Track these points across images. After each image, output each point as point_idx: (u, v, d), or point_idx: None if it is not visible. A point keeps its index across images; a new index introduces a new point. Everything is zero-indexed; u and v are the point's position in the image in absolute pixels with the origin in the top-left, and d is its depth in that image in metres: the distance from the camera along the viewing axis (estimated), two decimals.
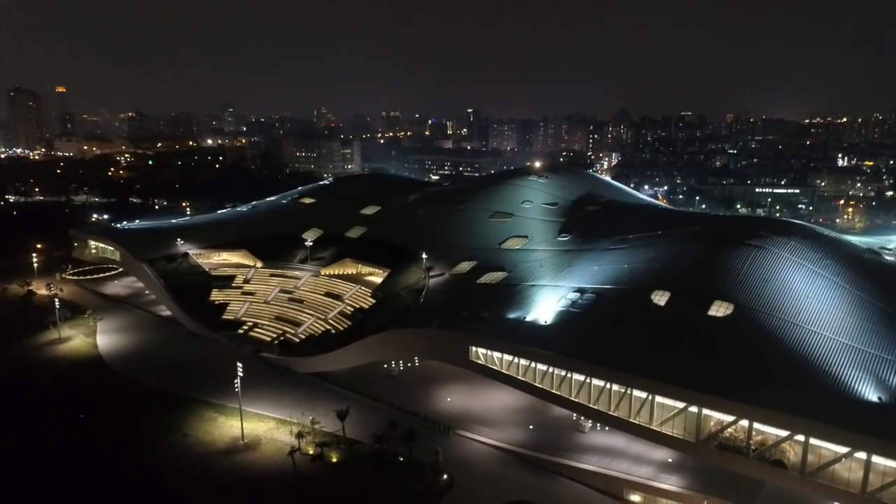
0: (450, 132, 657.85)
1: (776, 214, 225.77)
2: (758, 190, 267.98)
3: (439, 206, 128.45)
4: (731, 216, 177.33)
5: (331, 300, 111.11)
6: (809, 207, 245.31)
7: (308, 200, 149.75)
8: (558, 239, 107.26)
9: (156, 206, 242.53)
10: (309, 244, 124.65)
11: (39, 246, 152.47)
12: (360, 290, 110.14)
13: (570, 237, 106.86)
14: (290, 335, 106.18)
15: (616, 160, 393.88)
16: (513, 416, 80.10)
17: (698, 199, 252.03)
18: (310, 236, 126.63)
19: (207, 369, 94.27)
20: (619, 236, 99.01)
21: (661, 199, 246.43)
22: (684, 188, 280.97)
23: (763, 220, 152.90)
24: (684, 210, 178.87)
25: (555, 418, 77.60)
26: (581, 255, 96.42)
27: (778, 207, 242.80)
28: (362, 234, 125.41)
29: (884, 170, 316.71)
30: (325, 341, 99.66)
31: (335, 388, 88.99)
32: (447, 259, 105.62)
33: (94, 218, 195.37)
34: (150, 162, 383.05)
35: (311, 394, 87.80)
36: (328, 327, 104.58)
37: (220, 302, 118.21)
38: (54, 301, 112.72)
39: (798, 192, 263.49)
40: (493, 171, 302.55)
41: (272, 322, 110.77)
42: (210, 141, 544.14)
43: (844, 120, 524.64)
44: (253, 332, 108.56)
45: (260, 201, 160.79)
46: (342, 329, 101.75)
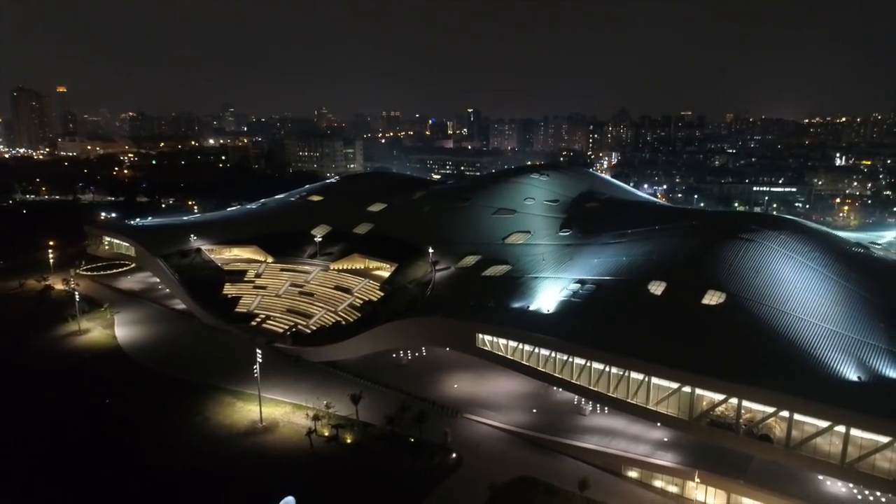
0: (450, 132, 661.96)
1: (773, 212, 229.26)
2: (755, 189, 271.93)
3: (444, 203, 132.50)
4: (725, 211, 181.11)
5: (340, 293, 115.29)
6: (806, 206, 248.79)
7: (316, 198, 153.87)
8: (560, 234, 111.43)
9: (163, 205, 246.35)
10: (318, 240, 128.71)
11: (52, 243, 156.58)
12: (368, 284, 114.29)
13: (570, 232, 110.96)
14: (301, 326, 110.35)
15: (616, 159, 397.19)
16: (517, 401, 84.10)
17: (697, 197, 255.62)
18: (318, 232, 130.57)
19: (223, 359, 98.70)
20: (618, 231, 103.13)
21: (660, 197, 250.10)
22: (683, 187, 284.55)
23: (755, 215, 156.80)
24: (681, 207, 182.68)
25: (557, 402, 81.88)
26: (581, 249, 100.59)
27: (775, 206, 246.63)
28: (369, 231, 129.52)
29: (881, 169, 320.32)
30: (335, 332, 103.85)
31: (347, 375, 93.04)
32: (453, 254, 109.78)
33: (102, 216, 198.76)
34: (154, 162, 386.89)
35: (325, 381, 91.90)
36: (338, 319, 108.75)
37: (233, 295, 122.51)
38: (73, 295, 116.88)
39: (795, 190, 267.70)
40: (494, 170, 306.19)
41: (284, 314, 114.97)
42: (212, 141, 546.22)
43: (843, 120, 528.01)
44: (266, 324, 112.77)
45: (269, 199, 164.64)
46: (352, 320, 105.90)
